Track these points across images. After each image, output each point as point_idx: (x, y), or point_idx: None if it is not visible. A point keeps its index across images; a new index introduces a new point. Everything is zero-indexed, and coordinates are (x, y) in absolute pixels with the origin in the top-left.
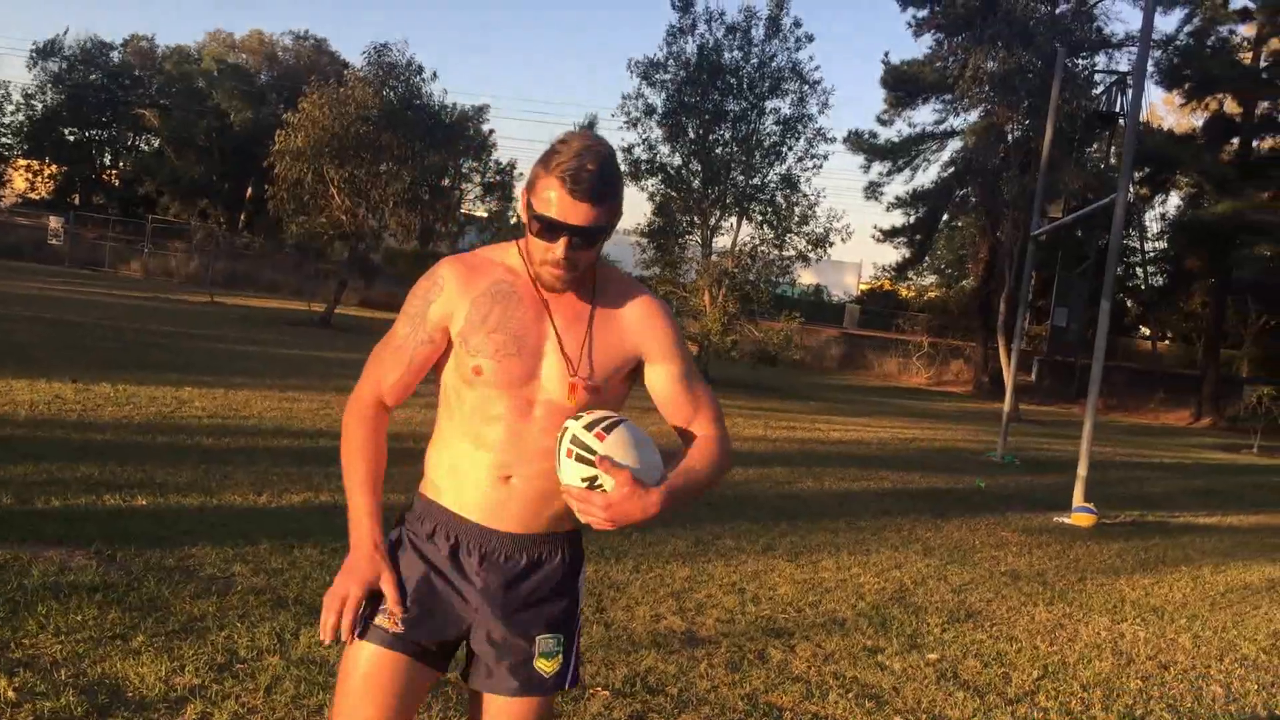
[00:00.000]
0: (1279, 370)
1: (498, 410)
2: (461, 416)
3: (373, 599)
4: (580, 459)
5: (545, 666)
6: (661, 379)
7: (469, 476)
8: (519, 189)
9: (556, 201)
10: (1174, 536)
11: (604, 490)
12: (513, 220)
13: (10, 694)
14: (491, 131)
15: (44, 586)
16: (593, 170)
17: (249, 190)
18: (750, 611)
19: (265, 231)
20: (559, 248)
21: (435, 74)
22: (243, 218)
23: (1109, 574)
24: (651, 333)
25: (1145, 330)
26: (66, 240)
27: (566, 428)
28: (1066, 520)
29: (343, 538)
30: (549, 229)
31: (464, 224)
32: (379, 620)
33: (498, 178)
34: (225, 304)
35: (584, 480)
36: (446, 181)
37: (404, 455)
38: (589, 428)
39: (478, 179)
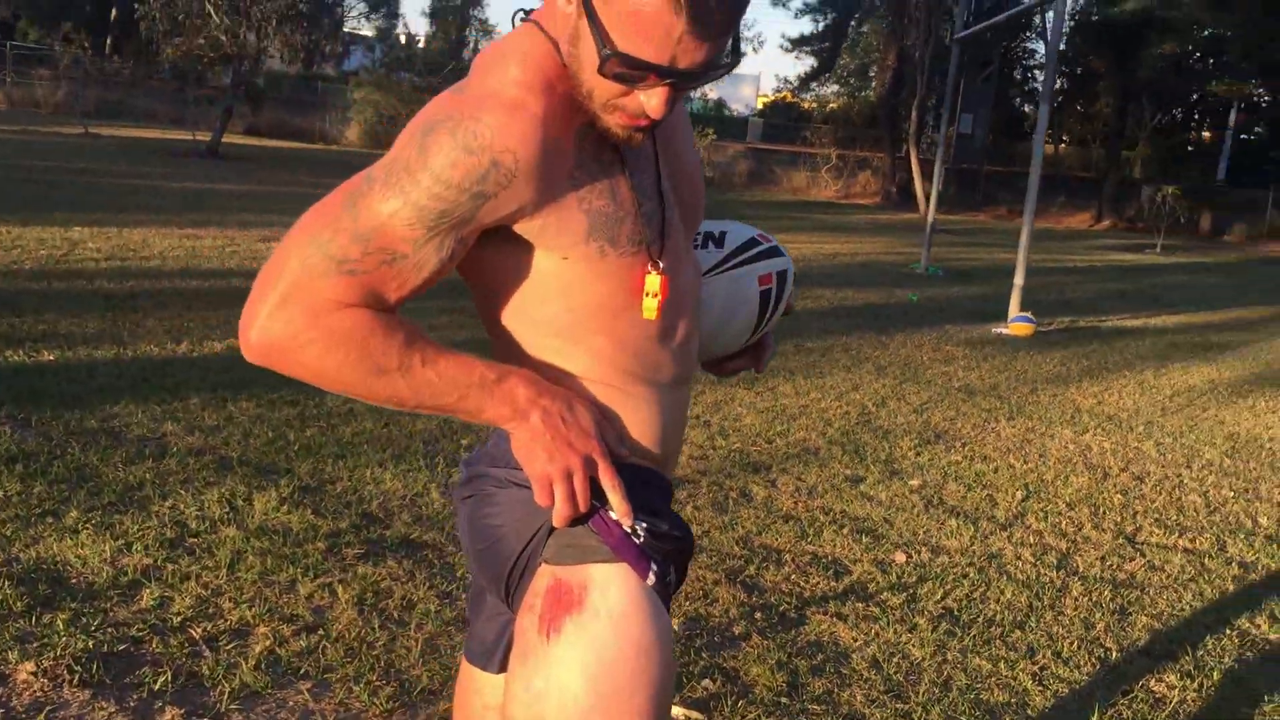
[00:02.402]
0: (1169, 170)
1: (672, 312)
2: (621, 345)
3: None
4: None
5: None
6: None
7: (658, 418)
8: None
9: (665, 38)
10: (1109, 341)
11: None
12: (420, 44)
13: None
14: None
15: None
16: None
17: (114, 11)
18: (721, 445)
19: (136, 56)
20: (656, 100)
21: None
22: (108, 41)
23: (1058, 383)
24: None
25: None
26: None
27: (786, 270)
28: (1005, 330)
29: (285, 386)
30: (651, 75)
31: (349, 43)
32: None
33: None
34: (101, 135)
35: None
36: None
37: None
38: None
39: None
